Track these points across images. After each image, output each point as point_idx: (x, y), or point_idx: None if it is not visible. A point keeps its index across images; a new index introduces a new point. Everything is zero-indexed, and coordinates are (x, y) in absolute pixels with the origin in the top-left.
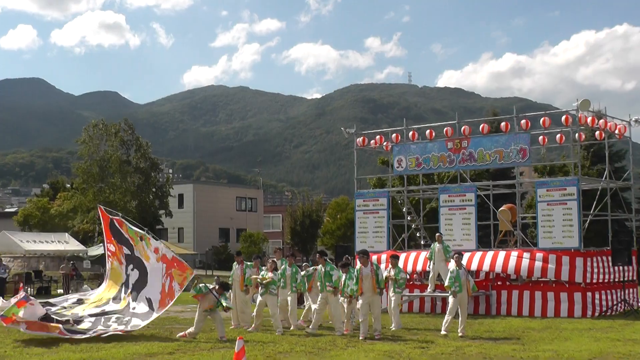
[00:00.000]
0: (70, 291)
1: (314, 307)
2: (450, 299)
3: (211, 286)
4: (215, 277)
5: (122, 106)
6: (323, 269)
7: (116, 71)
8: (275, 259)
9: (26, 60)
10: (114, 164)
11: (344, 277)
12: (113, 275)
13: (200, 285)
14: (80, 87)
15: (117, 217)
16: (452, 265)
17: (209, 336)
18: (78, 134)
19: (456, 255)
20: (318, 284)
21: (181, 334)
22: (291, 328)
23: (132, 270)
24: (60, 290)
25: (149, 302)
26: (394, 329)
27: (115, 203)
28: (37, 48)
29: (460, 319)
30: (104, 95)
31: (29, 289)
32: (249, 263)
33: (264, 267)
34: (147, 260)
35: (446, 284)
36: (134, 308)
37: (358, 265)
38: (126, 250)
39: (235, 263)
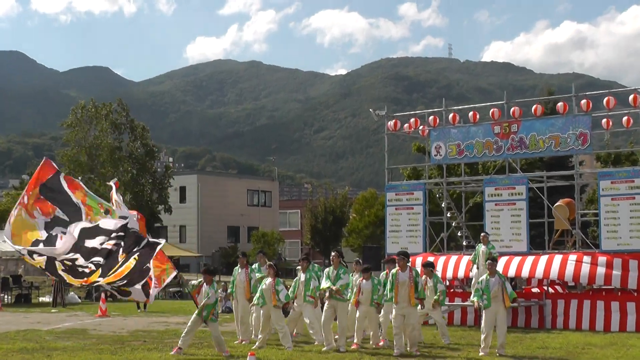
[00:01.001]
0: (57, 302)
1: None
2: (483, 315)
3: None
4: (222, 284)
5: (115, 84)
6: (335, 271)
7: (108, 43)
8: (270, 263)
9: (2, 30)
10: (104, 151)
11: (365, 283)
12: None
13: (193, 282)
14: (66, 62)
15: (70, 177)
16: (483, 273)
17: (215, 352)
18: (63, 116)
19: (489, 261)
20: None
21: (173, 351)
22: (315, 343)
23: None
24: (43, 299)
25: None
26: (447, 342)
27: (106, 196)
28: (15, 16)
29: (498, 335)
30: (93, 72)
31: (5, 296)
32: (254, 266)
33: (254, 268)
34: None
35: (471, 297)
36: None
37: (394, 269)
38: (61, 214)
39: (238, 266)
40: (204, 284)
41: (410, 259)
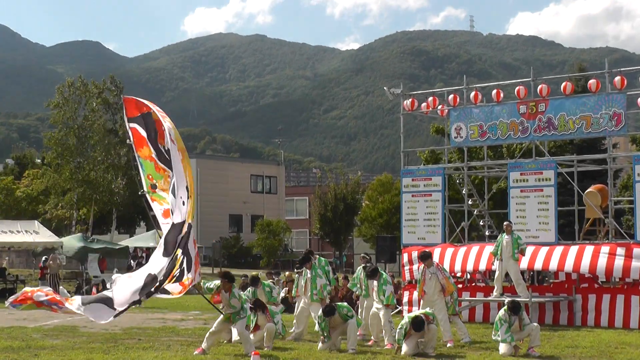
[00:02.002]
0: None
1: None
2: (501, 348)
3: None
4: (243, 277)
5: (106, 60)
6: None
7: (99, 15)
8: (250, 305)
9: None
10: (95, 133)
11: (374, 284)
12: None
13: (209, 284)
14: (53, 36)
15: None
16: (502, 312)
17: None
18: (49, 95)
19: (509, 311)
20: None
21: (197, 350)
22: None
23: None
24: None
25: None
26: (464, 341)
27: (98, 182)
28: None
29: (532, 337)
30: (83, 47)
31: None
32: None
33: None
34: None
35: (497, 339)
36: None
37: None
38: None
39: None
40: (222, 290)
41: (432, 257)
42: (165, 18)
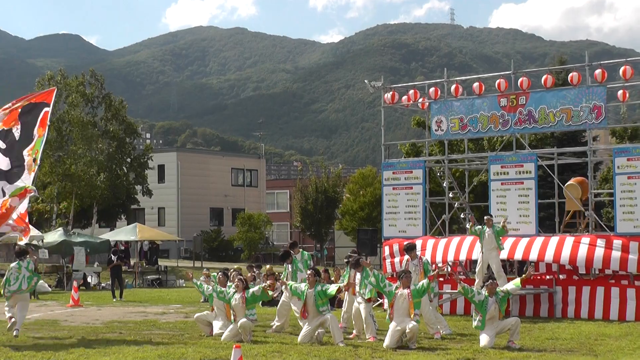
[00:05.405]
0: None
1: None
2: (482, 339)
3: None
4: (205, 269)
5: (87, 53)
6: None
7: (79, 8)
8: (240, 278)
9: None
10: (75, 126)
11: (358, 276)
12: None
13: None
14: (33, 29)
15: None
16: (482, 291)
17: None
18: (29, 88)
19: (489, 282)
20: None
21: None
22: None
23: None
24: None
25: None
26: (444, 332)
27: (79, 176)
28: None
29: (511, 331)
30: (63, 40)
31: None
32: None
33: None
34: None
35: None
36: None
37: (405, 257)
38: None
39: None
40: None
41: (416, 248)
42: (146, 11)
